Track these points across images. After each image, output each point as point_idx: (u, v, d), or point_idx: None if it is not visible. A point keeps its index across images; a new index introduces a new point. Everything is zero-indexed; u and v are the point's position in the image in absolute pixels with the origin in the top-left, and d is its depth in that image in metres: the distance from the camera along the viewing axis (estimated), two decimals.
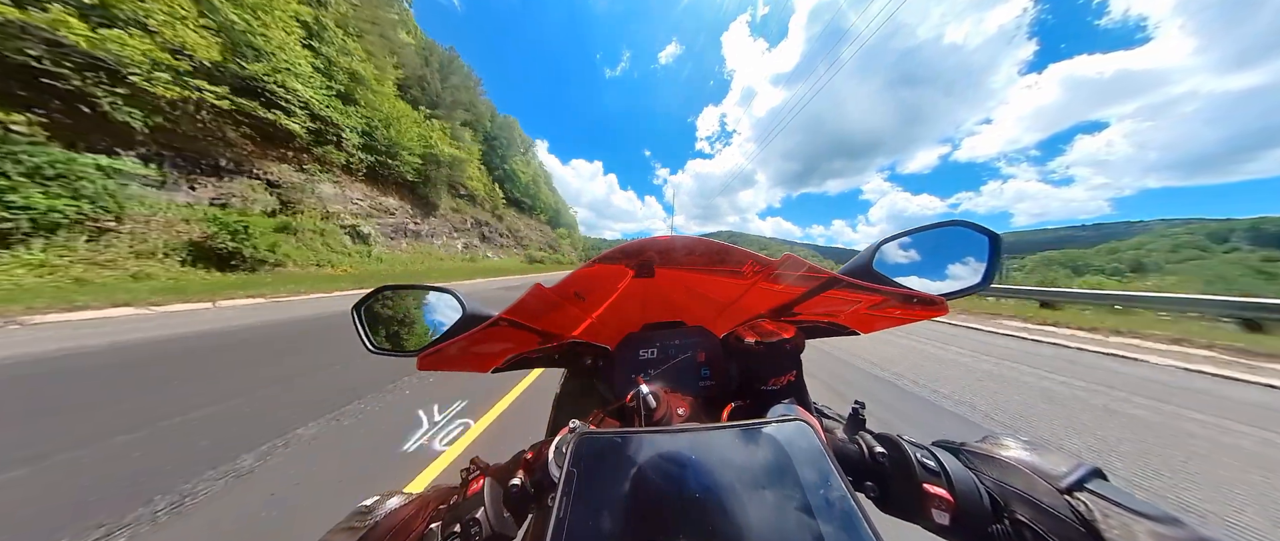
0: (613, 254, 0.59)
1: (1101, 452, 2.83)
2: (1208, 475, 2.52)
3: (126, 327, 6.00)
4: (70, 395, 3.35)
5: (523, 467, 0.47)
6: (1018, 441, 0.42)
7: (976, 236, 0.59)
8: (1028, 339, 7.10)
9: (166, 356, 4.62)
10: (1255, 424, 3.35)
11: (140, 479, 2.16)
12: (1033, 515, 0.34)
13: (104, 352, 4.63)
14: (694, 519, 0.29)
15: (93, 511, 1.89)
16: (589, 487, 0.32)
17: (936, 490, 0.39)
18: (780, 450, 0.34)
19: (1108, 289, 11.79)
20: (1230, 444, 2.98)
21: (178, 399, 3.30)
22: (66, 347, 4.73)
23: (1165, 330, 7.22)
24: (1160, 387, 4.34)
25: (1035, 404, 3.78)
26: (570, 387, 0.87)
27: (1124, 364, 5.41)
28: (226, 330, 6.20)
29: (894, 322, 0.68)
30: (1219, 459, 2.74)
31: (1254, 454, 2.82)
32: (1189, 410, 3.65)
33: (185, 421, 2.89)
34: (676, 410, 0.59)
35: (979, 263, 0.59)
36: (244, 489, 2.14)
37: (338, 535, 0.38)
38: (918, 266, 0.62)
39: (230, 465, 2.35)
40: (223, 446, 2.55)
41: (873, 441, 0.45)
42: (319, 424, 2.97)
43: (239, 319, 7.15)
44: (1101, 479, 0.35)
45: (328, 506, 2.01)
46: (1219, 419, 3.46)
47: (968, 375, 4.70)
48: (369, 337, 0.73)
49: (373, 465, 2.48)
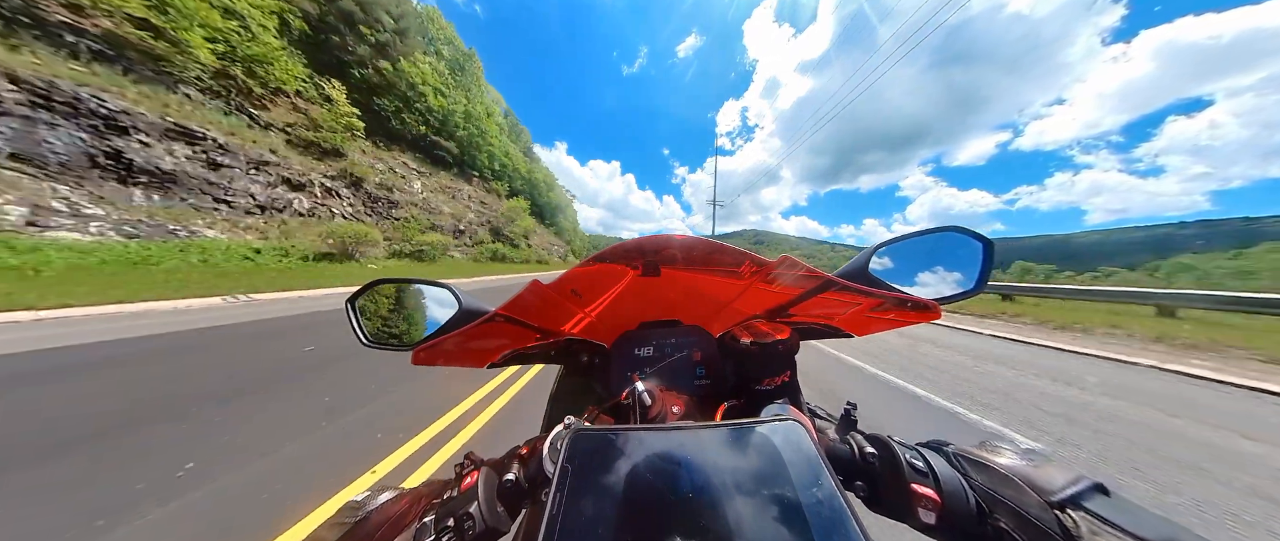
0: (610, 252, 0.59)
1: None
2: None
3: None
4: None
5: (517, 463, 0.47)
6: (1016, 449, 0.41)
7: (971, 242, 0.60)
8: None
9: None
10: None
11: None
12: (1016, 525, 0.34)
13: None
14: (687, 516, 0.30)
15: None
16: (583, 483, 0.33)
17: (924, 490, 0.39)
18: (773, 449, 0.35)
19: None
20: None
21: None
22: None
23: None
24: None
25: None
26: (566, 384, 0.87)
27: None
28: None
29: (888, 326, 0.69)
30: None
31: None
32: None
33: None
34: (671, 408, 0.59)
35: (972, 268, 0.60)
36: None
37: (328, 530, 0.38)
38: (913, 271, 0.63)
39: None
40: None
41: (863, 441, 0.46)
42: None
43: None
44: (1103, 494, 0.35)
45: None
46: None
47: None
48: (363, 331, 0.73)
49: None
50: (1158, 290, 10.06)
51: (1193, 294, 9.29)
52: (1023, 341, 7.09)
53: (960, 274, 0.61)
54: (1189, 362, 5.56)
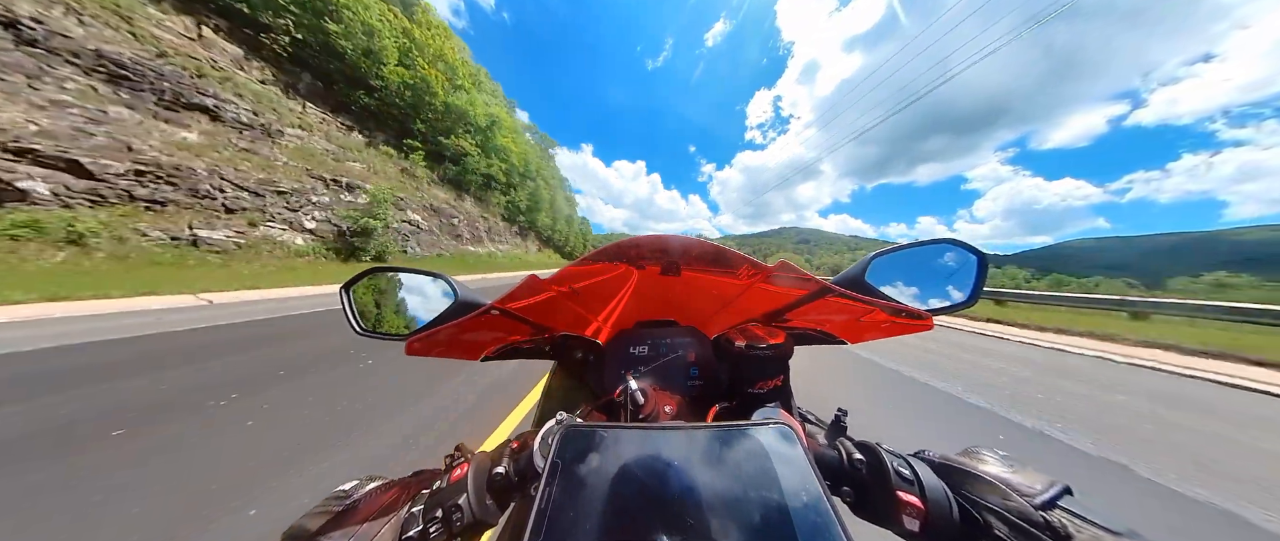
0: (608, 250, 0.59)
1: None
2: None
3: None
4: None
5: (508, 456, 0.47)
6: (995, 456, 0.43)
7: (966, 255, 0.61)
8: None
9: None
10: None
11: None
12: (1007, 530, 0.36)
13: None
14: (674, 514, 0.30)
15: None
16: (572, 479, 0.33)
17: (909, 498, 0.40)
18: (762, 452, 0.35)
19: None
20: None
21: None
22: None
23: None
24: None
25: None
26: (559, 380, 0.87)
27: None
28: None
29: (882, 334, 0.70)
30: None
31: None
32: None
33: None
34: (664, 408, 0.60)
35: (966, 281, 0.61)
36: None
37: (313, 518, 0.37)
38: (908, 281, 0.63)
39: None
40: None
41: (852, 448, 0.47)
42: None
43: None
44: (1070, 495, 0.37)
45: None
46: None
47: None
48: (357, 319, 0.72)
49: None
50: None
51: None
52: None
53: (955, 286, 0.62)
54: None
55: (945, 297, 0.62)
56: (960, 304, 0.60)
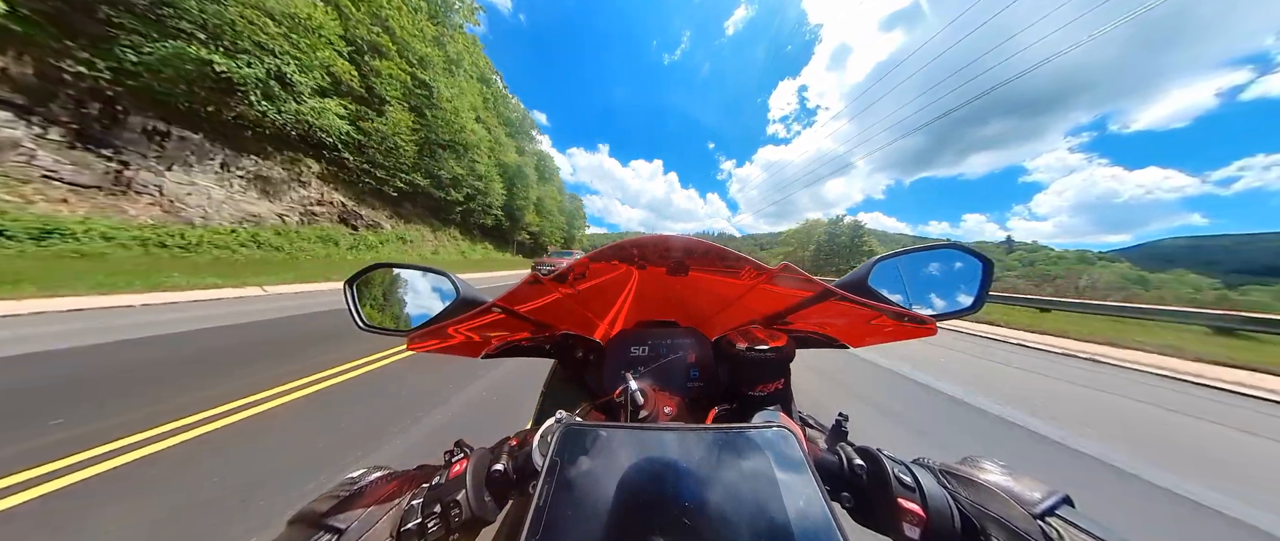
0: (608, 250, 0.59)
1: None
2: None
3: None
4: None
5: (507, 453, 0.47)
6: (996, 465, 0.43)
7: (971, 261, 0.60)
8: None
9: None
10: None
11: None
12: (1006, 537, 0.35)
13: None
14: (672, 515, 0.30)
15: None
16: (571, 477, 0.33)
17: (909, 505, 0.39)
18: (761, 455, 0.35)
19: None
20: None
21: None
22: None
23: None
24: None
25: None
26: (559, 379, 0.87)
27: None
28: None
29: (884, 338, 0.69)
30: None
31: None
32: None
33: None
34: (663, 408, 0.60)
35: (971, 287, 0.60)
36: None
37: (322, 502, 0.39)
38: (912, 286, 0.63)
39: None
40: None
41: (852, 453, 0.46)
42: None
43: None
44: (1070, 505, 0.36)
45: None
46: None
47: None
48: (360, 314, 0.73)
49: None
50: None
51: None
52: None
53: (959, 292, 0.61)
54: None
55: (950, 303, 0.61)
56: (964, 309, 0.59)
